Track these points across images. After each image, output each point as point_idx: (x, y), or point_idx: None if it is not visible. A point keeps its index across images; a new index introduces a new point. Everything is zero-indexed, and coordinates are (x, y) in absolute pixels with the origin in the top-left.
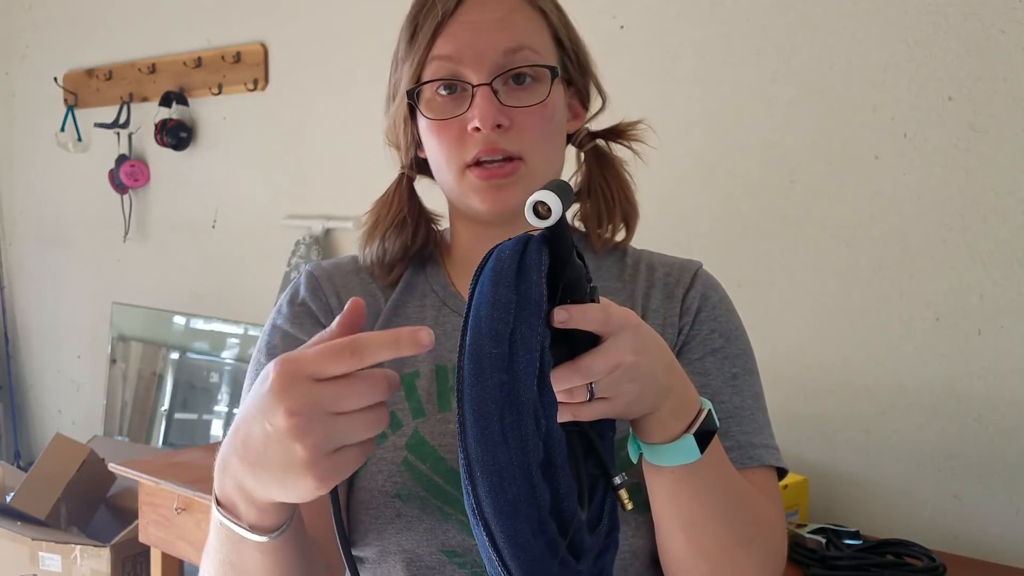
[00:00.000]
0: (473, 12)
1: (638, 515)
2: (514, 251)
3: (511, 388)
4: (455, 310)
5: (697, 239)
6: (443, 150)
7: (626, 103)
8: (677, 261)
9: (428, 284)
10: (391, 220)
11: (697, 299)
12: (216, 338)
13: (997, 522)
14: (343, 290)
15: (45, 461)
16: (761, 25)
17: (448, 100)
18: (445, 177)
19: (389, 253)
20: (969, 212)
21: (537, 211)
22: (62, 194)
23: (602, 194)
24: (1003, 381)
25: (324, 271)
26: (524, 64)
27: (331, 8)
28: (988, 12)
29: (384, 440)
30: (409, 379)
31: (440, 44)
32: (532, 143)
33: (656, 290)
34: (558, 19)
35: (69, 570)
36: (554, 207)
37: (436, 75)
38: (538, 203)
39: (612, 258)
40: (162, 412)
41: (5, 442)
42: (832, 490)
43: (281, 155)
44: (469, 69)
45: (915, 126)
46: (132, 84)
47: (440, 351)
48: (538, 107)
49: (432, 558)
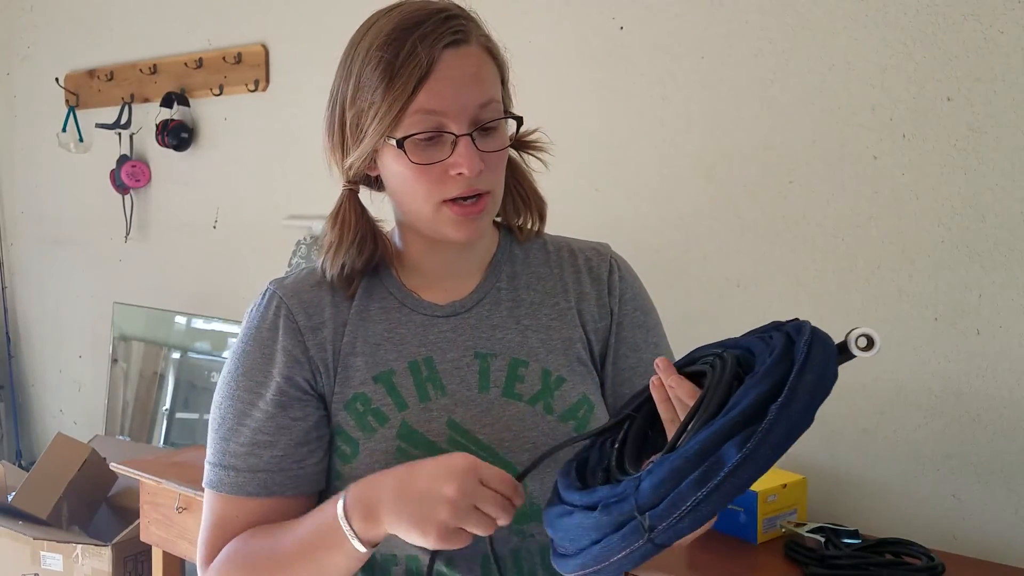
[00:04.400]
0: (452, 68)
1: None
2: (833, 376)
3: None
4: (414, 309)
5: (697, 239)
6: (421, 188)
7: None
8: (589, 244)
9: (384, 287)
10: (352, 238)
11: (618, 282)
12: (217, 338)
13: (996, 521)
14: (311, 306)
15: (46, 460)
16: (761, 25)
17: (429, 146)
18: (416, 208)
19: (349, 267)
20: (968, 212)
21: (860, 342)
22: (64, 194)
23: (517, 193)
24: (1002, 381)
25: (289, 291)
26: (495, 117)
27: (332, 9)
28: (987, 12)
29: (374, 433)
30: (386, 377)
31: (423, 98)
32: (496, 179)
33: (584, 275)
34: (502, 61)
35: (70, 569)
36: (877, 345)
37: (420, 126)
38: (866, 336)
39: (535, 246)
40: (163, 412)
41: (7, 441)
42: (831, 489)
43: (282, 155)
44: (452, 122)
45: (914, 126)
46: (133, 85)
47: (408, 348)
48: (502, 151)
49: None
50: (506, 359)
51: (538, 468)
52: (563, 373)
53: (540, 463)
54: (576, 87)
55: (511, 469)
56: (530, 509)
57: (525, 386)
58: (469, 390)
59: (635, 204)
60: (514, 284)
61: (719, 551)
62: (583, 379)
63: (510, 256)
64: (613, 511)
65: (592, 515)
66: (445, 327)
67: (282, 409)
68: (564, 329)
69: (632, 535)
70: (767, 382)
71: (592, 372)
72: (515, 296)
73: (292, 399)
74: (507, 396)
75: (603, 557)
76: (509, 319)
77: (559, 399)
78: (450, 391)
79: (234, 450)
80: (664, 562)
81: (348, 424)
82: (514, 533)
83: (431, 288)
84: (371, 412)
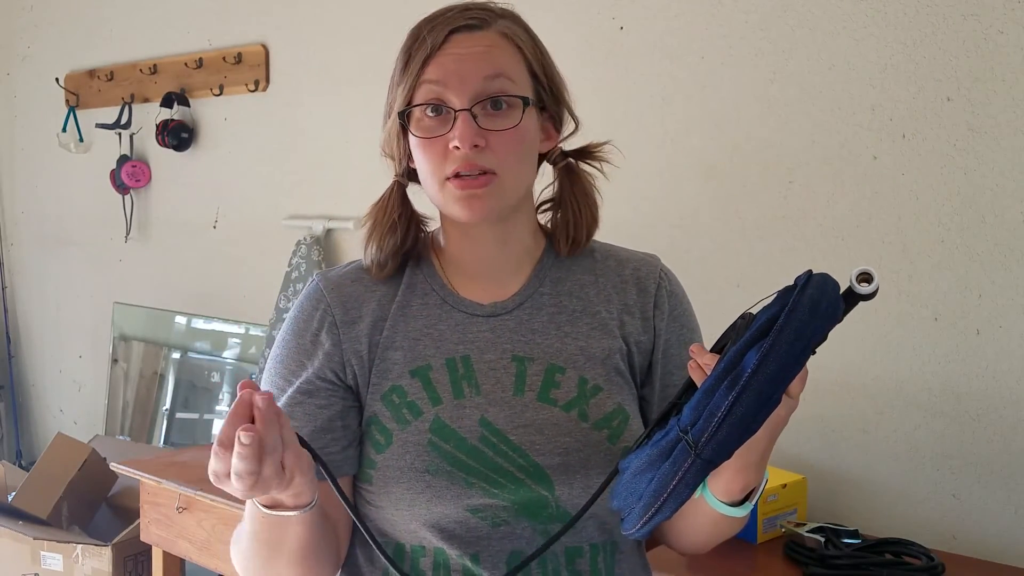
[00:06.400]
0: (459, 46)
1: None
2: (836, 296)
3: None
4: (455, 306)
5: (696, 239)
6: (428, 164)
7: (626, 103)
8: (638, 255)
9: (427, 283)
10: (386, 223)
11: (667, 297)
12: (217, 338)
13: (996, 521)
14: (350, 300)
15: (47, 460)
16: (761, 25)
17: (435, 121)
18: (430, 187)
19: (384, 252)
20: (967, 212)
21: (861, 277)
22: (64, 194)
23: (570, 207)
24: (1001, 381)
25: (331, 283)
26: (500, 92)
27: (332, 9)
28: (987, 12)
29: (407, 426)
30: (423, 372)
31: (429, 71)
32: (504, 161)
33: (630, 286)
34: (533, 54)
35: (71, 569)
36: (875, 284)
37: (424, 98)
38: (866, 273)
39: (582, 254)
40: (163, 412)
41: (7, 441)
42: (831, 489)
43: (282, 156)
44: (453, 94)
45: (914, 126)
46: (133, 85)
47: (446, 345)
48: (511, 130)
49: (458, 514)
50: (543, 364)
51: (568, 471)
52: (600, 382)
53: (605, 488)
54: (576, 87)
55: (542, 473)
56: (556, 511)
57: (560, 392)
58: (504, 392)
59: (635, 204)
60: (557, 290)
61: (719, 551)
62: (620, 389)
63: (556, 262)
64: (661, 443)
65: (643, 454)
66: (484, 327)
67: (308, 396)
68: (605, 339)
69: (681, 456)
70: (776, 305)
71: (630, 384)
72: (557, 302)
73: (319, 388)
74: (542, 400)
75: (660, 490)
76: (550, 325)
77: (594, 407)
78: (485, 391)
79: None
80: (664, 562)
81: (384, 415)
82: (538, 534)
83: (472, 286)
84: (406, 405)
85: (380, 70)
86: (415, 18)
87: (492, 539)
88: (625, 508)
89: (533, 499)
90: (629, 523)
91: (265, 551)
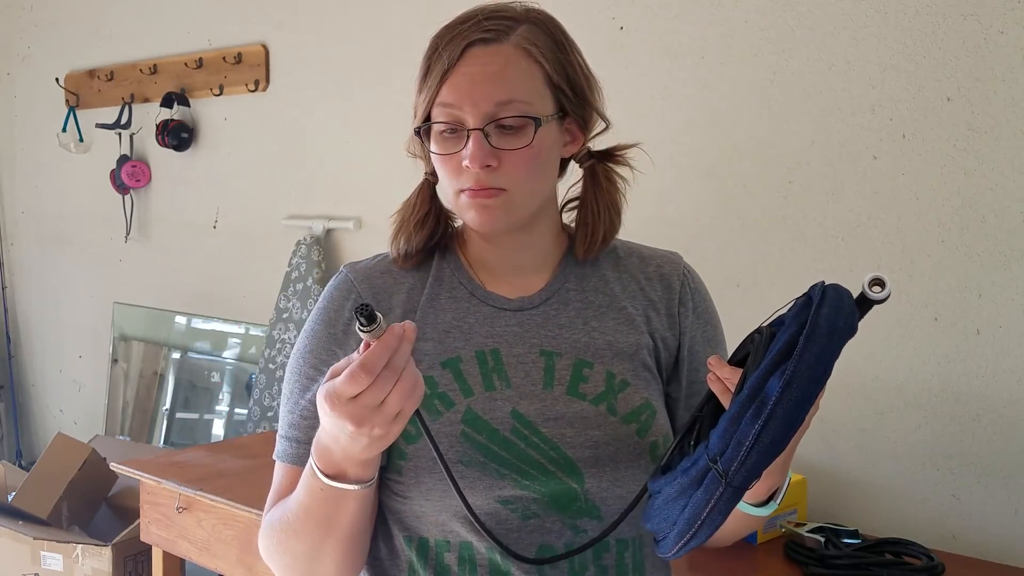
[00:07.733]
0: (473, 64)
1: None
2: (852, 311)
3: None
4: (483, 300)
5: (696, 239)
6: (444, 176)
7: (626, 103)
8: (660, 253)
9: (455, 277)
10: (416, 217)
11: (690, 294)
12: (217, 338)
13: (995, 521)
14: (380, 291)
15: (47, 460)
16: (760, 25)
17: (451, 137)
18: (447, 195)
19: (412, 245)
20: (967, 212)
21: (873, 283)
22: (64, 194)
23: (591, 208)
24: (1001, 381)
25: (361, 274)
26: (511, 115)
27: (332, 9)
28: (987, 13)
29: (440, 416)
30: (454, 364)
31: (444, 92)
32: (516, 179)
33: (655, 283)
34: (554, 64)
35: (71, 569)
36: (888, 289)
37: (439, 118)
38: (878, 279)
39: (605, 251)
40: (163, 412)
41: (7, 441)
42: (831, 489)
43: (282, 155)
44: (467, 115)
45: (914, 126)
46: (133, 85)
47: (475, 338)
48: (524, 149)
49: (488, 505)
50: (571, 359)
51: (598, 464)
52: (627, 377)
53: (634, 507)
54: None
55: (573, 466)
56: (585, 504)
57: (589, 386)
58: (534, 385)
59: (634, 203)
60: (583, 286)
61: (719, 551)
62: (647, 384)
63: (578, 260)
64: (691, 471)
65: (675, 482)
66: (512, 321)
67: None
68: (631, 334)
69: (712, 485)
70: (794, 325)
71: (656, 378)
72: (584, 297)
73: None
74: (571, 395)
75: (694, 518)
76: (577, 319)
77: (622, 401)
78: (515, 384)
79: (296, 422)
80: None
81: None
82: (567, 527)
83: (498, 281)
84: (437, 396)
85: (380, 70)
86: (415, 18)
87: (522, 532)
88: (659, 532)
89: (563, 491)
90: (665, 547)
91: (319, 530)
